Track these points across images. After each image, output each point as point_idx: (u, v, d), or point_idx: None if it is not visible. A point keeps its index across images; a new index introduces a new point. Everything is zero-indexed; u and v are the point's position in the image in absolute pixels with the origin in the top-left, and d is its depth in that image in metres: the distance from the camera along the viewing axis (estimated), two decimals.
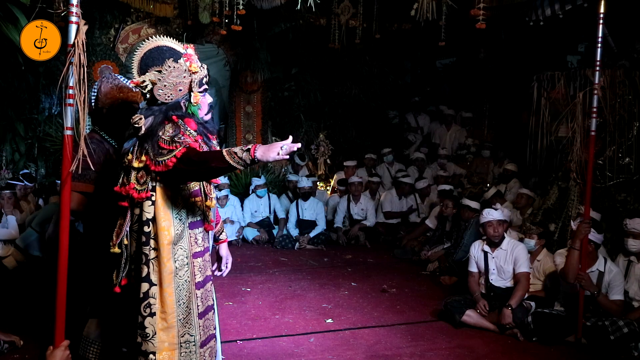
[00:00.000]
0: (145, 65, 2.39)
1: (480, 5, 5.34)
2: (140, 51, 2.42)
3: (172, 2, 7.26)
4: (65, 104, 2.17)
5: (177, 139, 2.29)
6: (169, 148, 2.27)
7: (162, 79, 2.34)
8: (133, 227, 2.41)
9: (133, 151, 2.34)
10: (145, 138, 2.31)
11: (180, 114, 2.39)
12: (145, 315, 2.34)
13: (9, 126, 6.92)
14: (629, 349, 3.98)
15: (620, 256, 4.59)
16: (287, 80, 9.22)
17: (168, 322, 2.37)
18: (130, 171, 2.35)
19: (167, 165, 2.25)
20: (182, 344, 2.41)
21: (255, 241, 7.47)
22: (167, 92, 2.36)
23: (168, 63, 2.34)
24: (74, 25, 2.14)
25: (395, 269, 6.38)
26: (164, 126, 2.33)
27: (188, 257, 2.43)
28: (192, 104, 2.43)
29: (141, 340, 2.36)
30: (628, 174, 5.38)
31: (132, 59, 2.47)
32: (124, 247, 2.41)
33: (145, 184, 2.33)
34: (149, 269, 2.35)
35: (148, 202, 2.35)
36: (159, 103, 2.38)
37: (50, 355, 2.16)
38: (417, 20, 5.94)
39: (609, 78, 5.29)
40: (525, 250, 4.63)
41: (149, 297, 2.35)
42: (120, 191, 2.37)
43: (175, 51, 2.41)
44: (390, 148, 9.20)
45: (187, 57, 2.40)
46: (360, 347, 4.06)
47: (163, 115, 2.35)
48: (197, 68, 2.41)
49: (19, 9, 4.13)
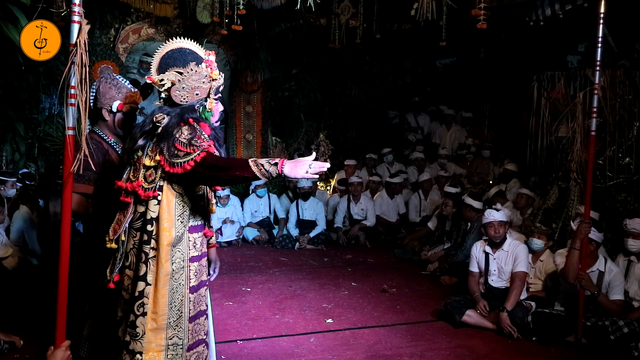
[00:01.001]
0: (165, 65, 2.39)
1: (480, 5, 5.34)
2: (162, 50, 2.42)
3: (172, 2, 7.26)
4: (67, 103, 2.17)
5: (194, 142, 2.28)
6: (185, 151, 2.26)
7: (182, 80, 2.36)
8: (133, 224, 2.40)
9: (145, 149, 2.35)
10: (161, 138, 2.31)
11: (195, 117, 2.40)
12: (137, 314, 2.34)
13: (9, 126, 6.92)
14: (629, 349, 3.98)
15: (620, 256, 4.59)
16: (287, 80, 9.21)
17: (158, 323, 2.36)
18: (139, 168, 2.35)
19: (185, 168, 2.25)
20: (170, 347, 2.39)
21: (256, 241, 7.47)
22: (185, 94, 2.38)
23: (190, 66, 2.36)
24: (76, 25, 2.14)
25: (395, 269, 6.38)
26: (180, 128, 2.32)
27: (185, 260, 2.42)
28: (207, 110, 2.45)
29: (130, 339, 2.35)
30: (628, 174, 5.38)
31: (152, 57, 2.47)
32: (121, 243, 2.41)
33: (154, 183, 2.33)
34: (147, 268, 2.35)
35: (154, 201, 2.34)
36: (173, 104, 2.39)
37: (51, 356, 2.16)
38: (417, 20, 5.94)
39: (609, 78, 5.29)
40: (526, 251, 4.63)
41: (144, 296, 2.34)
42: (125, 186, 2.37)
43: (198, 55, 2.42)
44: (390, 148, 9.21)
45: (209, 64, 2.42)
46: (360, 347, 4.06)
47: (179, 117, 2.35)
48: (217, 76, 2.43)
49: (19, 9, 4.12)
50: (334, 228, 7.78)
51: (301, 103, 9.15)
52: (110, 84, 2.83)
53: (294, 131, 9.13)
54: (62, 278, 2.20)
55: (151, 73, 2.42)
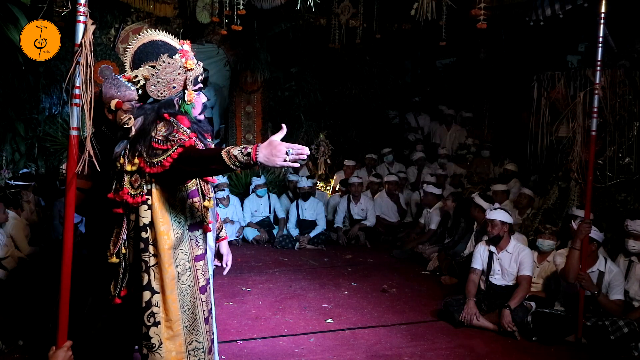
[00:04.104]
0: (138, 60, 2.30)
1: (480, 5, 5.34)
2: (134, 45, 2.33)
3: (172, 2, 7.25)
4: (72, 104, 2.14)
5: (171, 137, 2.18)
6: (163, 148, 2.17)
7: (156, 74, 2.25)
8: (130, 234, 2.31)
9: (125, 154, 2.24)
10: (137, 139, 2.21)
11: (172, 111, 2.29)
12: (149, 325, 2.26)
13: (9, 126, 6.91)
14: (629, 349, 3.98)
15: (621, 256, 4.59)
16: (287, 80, 9.22)
17: (174, 330, 2.28)
18: (123, 176, 2.25)
19: (164, 165, 2.16)
20: (191, 352, 2.32)
21: (256, 241, 7.47)
22: (160, 88, 2.27)
23: (163, 58, 2.24)
24: (82, 25, 2.11)
25: (395, 269, 6.38)
26: (156, 126, 2.22)
27: (190, 260, 2.34)
28: (186, 103, 2.34)
29: (147, 352, 2.27)
30: (628, 174, 5.38)
31: (125, 53, 2.38)
32: (122, 256, 2.32)
33: (140, 188, 2.23)
34: (150, 277, 2.26)
35: (144, 207, 2.25)
36: (151, 101, 2.29)
37: (52, 356, 2.15)
38: (417, 20, 5.94)
39: (609, 78, 5.29)
40: (531, 255, 4.64)
41: (152, 305, 2.26)
42: (114, 198, 2.27)
43: (171, 46, 2.32)
44: (390, 148, 9.21)
45: (183, 54, 2.30)
46: (360, 347, 4.06)
47: (155, 114, 2.24)
48: (192, 65, 2.31)
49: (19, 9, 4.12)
50: (334, 228, 7.78)
51: (301, 103, 9.16)
52: (110, 84, 2.83)
53: (294, 131, 9.13)
54: (64, 278, 2.17)
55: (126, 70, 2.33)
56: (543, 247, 4.79)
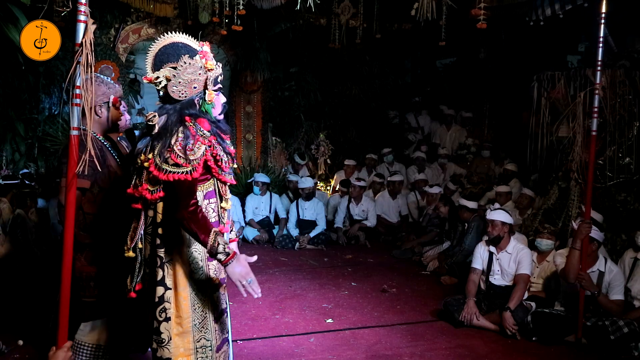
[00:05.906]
0: (160, 62, 2.33)
1: (480, 5, 5.34)
2: (155, 47, 2.36)
3: (172, 2, 7.26)
4: (72, 103, 2.14)
5: (188, 153, 2.20)
6: (175, 161, 2.20)
7: (177, 75, 2.29)
8: (147, 229, 2.36)
9: (146, 151, 2.29)
10: (158, 138, 2.26)
11: (194, 112, 2.33)
12: (160, 320, 2.30)
13: (9, 126, 6.92)
14: (629, 349, 3.98)
15: (629, 252, 4.59)
16: (287, 80, 9.22)
17: (183, 327, 2.32)
18: (142, 172, 2.29)
19: (168, 177, 2.20)
20: (199, 349, 2.36)
21: (256, 241, 7.47)
22: (182, 89, 2.31)
23: (184, 59, 2.29)
24: (82, 24, 2.11)
25: (395, 269, 6.38)
26: (177, 131, 2.24)
27: (203, 260, 2.38)
28: (207, 102, 2.38)
29: (157, 347, 2.32)
30: (628, 174, 5.38)
31: (146, 55, 2.41)
32: (139, 251, 2.37)
33: (158, 184, 2.27)
34: (164, 273, 2.31)
35: (161, 204, 2.30)
36: (172, 101, 2.33)
37: (52, 356, 2.15)
38: (417, 20, 5.93)
39: (609, 78, 5.29)
40: (530, 255, 4.64)
41: (164, 301, 2.30)
42: (133, 193, 2.32)
43: (191, 48, 2.36)
44: (390, 148, 9.21)
45: (203, 54, 2.35)
46: (360, 347, 4.06)
47: (178, 114, 2.29)
48: (212, 65, 2.36)
49: (19, 9, 4.13)
50: (334, 228, 7.77)
51: (301, 103, 9.16)
52: (98, 82, 2.82)
53: (294, 131, 9.14)
54: (65, 278, 2.17)
55: (147, 72, 2.36)
56: (541, 246, 4.80)
